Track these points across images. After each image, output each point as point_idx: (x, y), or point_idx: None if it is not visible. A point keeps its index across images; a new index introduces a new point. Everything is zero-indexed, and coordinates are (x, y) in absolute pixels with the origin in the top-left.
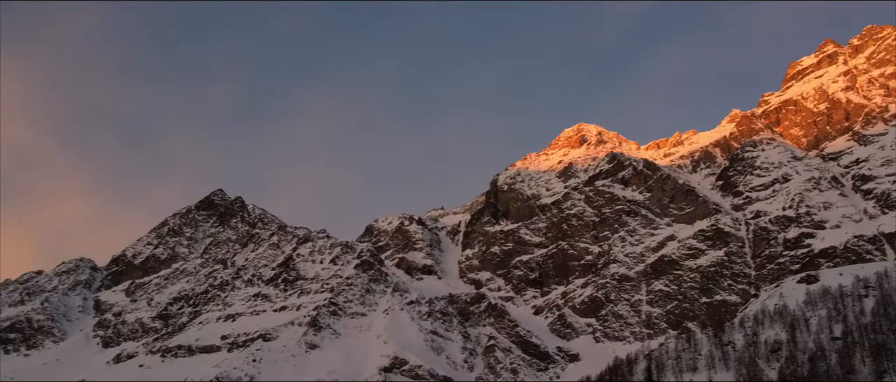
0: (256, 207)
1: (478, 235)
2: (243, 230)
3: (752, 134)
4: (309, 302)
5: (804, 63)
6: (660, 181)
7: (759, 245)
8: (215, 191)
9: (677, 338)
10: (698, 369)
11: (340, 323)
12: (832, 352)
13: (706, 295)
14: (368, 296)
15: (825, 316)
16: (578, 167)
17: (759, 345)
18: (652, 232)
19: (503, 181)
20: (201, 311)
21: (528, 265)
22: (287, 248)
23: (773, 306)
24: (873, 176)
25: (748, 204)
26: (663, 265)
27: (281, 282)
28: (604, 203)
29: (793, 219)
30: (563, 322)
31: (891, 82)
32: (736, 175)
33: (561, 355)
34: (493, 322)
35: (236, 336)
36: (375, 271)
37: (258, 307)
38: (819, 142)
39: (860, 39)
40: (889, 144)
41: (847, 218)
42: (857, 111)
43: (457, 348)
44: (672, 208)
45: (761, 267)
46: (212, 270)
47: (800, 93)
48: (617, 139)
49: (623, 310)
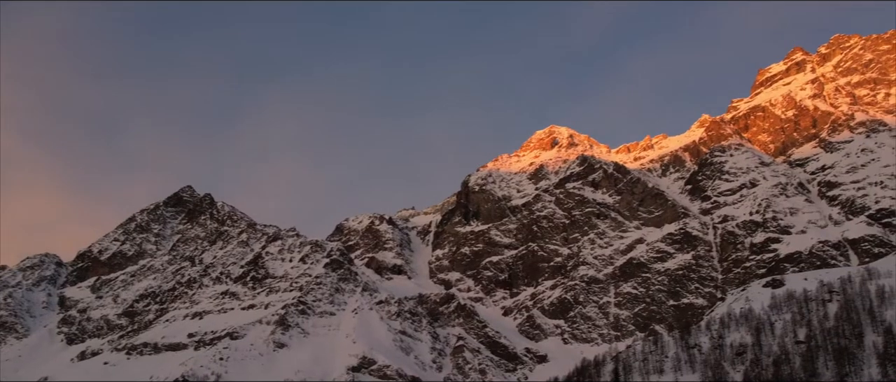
0: (225, 204)
1: (448, 236)
2: (212, 227)
3: (721, 139)
4: (277, 301)
5: (773, 70)
6: (629, 184)
7: (727, 249)
8: (184, 188)
9: (644, 340)
10: (665, 371)
11: (309, 322)
12: (796, 356)
13: (673, 298)
14: (337, 296)
15: (790, 320)
16: (549, 169)
17: (725, 348)
18: (621, 234)
19: (474, 182)
20: (168, 309)
21: (497, 266)
22: (256, 246)
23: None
24: (839, 182)
25: (716, 208)
26: (632, 267)
27: (249, 280)
28: (574, 205)
29: (759, 224)
30: (531, 324)
31: (857, 91)
32: (704, 179)
33: (529, 356)
34: (462, 322)
35: (203, 335)
36: (345, 270)
37: (226, 305)
38: (786, 148)
39: (828, 48)
40: (854, 152)
41: (812, 223)
42: (823, 118)
43: (425, 348)
44: (641, 211)
45: (728, 271)
46: (179, 267)
47: (768, 100)
48: (588, 142)
49: (591, 312)
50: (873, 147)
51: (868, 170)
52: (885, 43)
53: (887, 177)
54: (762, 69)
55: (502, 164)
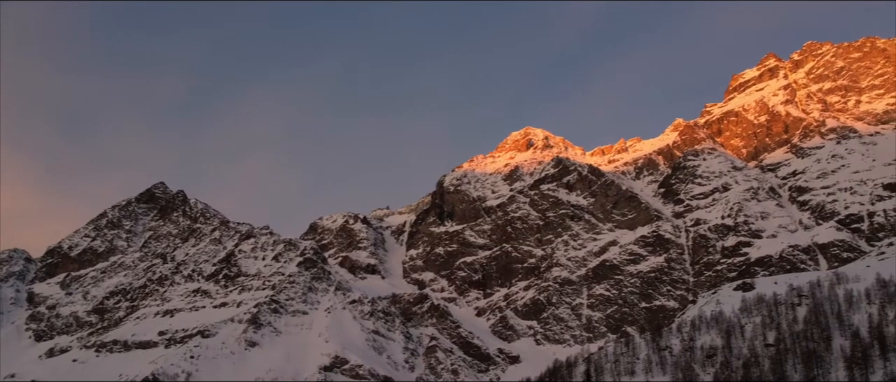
0: (199, 201)
1: (422, 235)
2: (184, 224)
3: (694, 143)
4: (250, 299)
5: (746, 76)
6: (603, 187)
7: (698, 252)
8: (157, 184)
9: (616, 342)
10: (636, 372)
11: (281, 321)
12: (765, 358)
13: (645, 300)
14: (310, 295)
15: (759, 324)
16: (524, 170)
17: (696, 350)
18: (594, 236)
19: (449, 182)
20: (138, 306)
21: (471, 266)
22: (229, 244)
23: (709, 312)
24: (809, 187)
25: (689, 211)
26: (604, 269)
27: (222, 278)
28: (548, 207)
29: (731, 228)
30: (504, 324)
31: (828, 97)
32: (678, 183)
33: (502, 356)
34: (436, 322)
35: (174, 332)
36: (318, 269)
37: (197, 303)
38: (758, 153)
39: (801, 55)
40: (825, 158)
41: (783, 228)
42: (795, 124)
43: (398, 348)
44: (615, 214)
45: (699, 274)
46: (151, 264)
47: (741, 105)
48: (563, 144)
49: (564, 313)
50: (843, 153)
51: (838, 176)
52: (857, 51)
53: (857, 183)
54: (736, 74)
55: (477, 165)
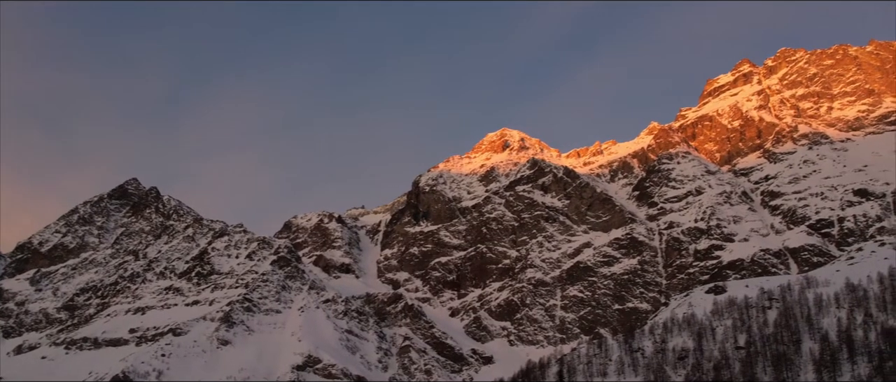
0: (172, 198)
1: (397, 235)
2: (157, 221)
3: (668, 147)
4: (222, 297)
5: (721, 81)
6: (578, 189)
7: (671, 255)
8: (129, 180)
9: (589, 343)
10: (608, 374)
11: (254, 320)
12: (736, 361)
13: (618, 302)
14: (284, 293)
15: (730, 326)
16: (500, 171)
17: (667, 352)
18: (569, 238)
19: (425, 182)
20: (109, 303)
21: (446, 267)
22: (202, 241)
23: (681, 315)
24: (781, 192)
25: (662, 214)
26: (578, 271)
27: (194, 276)
28: (523, 208)
29: (704, 231)
30: (478, 325)
31: (801, 103)
32: (652, 186)
33: (475, 357)
34: (409, 322)
35: (145, 330)
36: (292, 268)
37: (169, 300)
38: (732, 157)
39: (774, 61)
40: (797, 163)
41: (755, 232)
42: (768, 130)
43: (372, 348)
44: (589, 216)
45: (672, 277)
46: (122, 261)
47: (715, 110)
48: (539, 145)
49: (538, 315)
50: (815, 159)
51: (810, 182)
52: (829, 58)
53: (828, 189)
54: (710, 79)
55: (453, 165)
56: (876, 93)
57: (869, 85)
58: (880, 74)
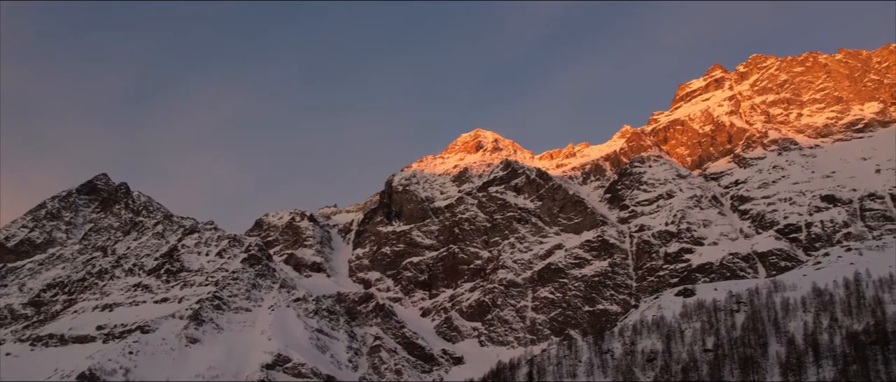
0: (142, 194)
1: (370, 235)
2: (126, 217)
3: (640, 150)
4: (192, 295)
5: (693, 85)
6: (551, 191)
7: (642, 257)
8: (99, 176)
9: (559, 345)
10: (577, 375)
11: (224, 318)
12: (704, 363)
13: (589, 304)
14: (254, 291)
15: (699, 329)
16: (473, 172)
17: (637, 354)
18: (541, 240)
19: (398, 182)
20: (77, 299)
21: (418, 267)
22: (172, 238)
23: (651, 317)
24: (750, 197)
25: (633, 217)
26: (550, 273)
27: (163, 273)
28: (496, 209)
29: (674, 234)
30: (449, 325)
31: (771, 109)
32: (623, 189)
33: (445, 357)
34: (380, 322)
35: (113, 327)
36: (263, 266)
37: (138, 297)
38: (703, 161)
39: (746, 67)
40: (766, 168)
41: (724, 236)
42: (739, 135)
43: (342, 347)
44: (561, 217)
45: (642, 279)
46: (90, 257)
47: (687, 114)
48: (512, 147)
49: (508, 316)
50: (784, 164)
51: (778, 187)
52: (800, 65)
53: (796, 194)
54: (683, 84)
55: (427, 165)
56: (844, 101)
57: (838, 92)
58: (849, 82)
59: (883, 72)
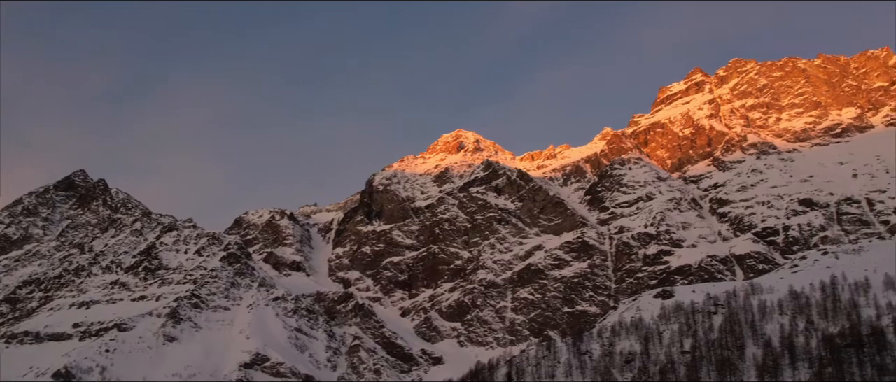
0: (120, 191)
1: (350, 234)
2: (104, 214)
3: (621, 152)
4: (170, 293)
5: (674, 89)
6: (531, 192)
7: (621, 259)
8: (77, 172)
9: (538, 345)
10: (556, 376)
11: (202, 316)
12: (681, 365)
13: (568, 305)
14: (233, 290)
15: (677, 331)
16: (454, 172)
17: (615, 355)
18: (521, 240)
19: (379, 181)
20: (53, 297)
21: (398, 266)
22: (150, 236)
23: (629, 318)
24: (729, 200)
25: (613, 219)
26: (529, 273)
27: (141, 271)
28: (476, 209)
29: (653, 237)
30: (428, 325)
31: (751, 113)
32: (603, 191)
33: (425, 357)
34: (360, 322)
35: (89, 325)
36: (242, 264)
37: (115, 295)
38: (682, 164)
39: (726, 71)
40: (745, 172)
41: (703, 238)
42: (718, 138)
43: (321, 346)
44: (541, 219)
45: (621, 281)
46: (67, 254)
47: (668, 117)
48: (493, 147)
49: (488, 316)
50: (763, 168)
51: (757, 190)
52: (779, 70)
53: (774, 198)
54: (663, 87)
55: (408, 165)
56: (823, 106)
57: (816, 98)
58: (827, 88)
59: (861, 77)
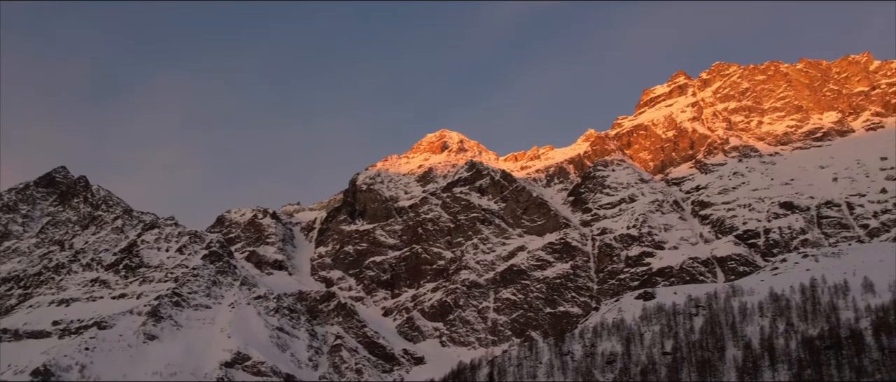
0: (101, 188)
1: (333, 233)
2: (85, 211)
3: (604, 154)
4: (151, 291)
5: (657, 91)
6: (515, 192)
7: (603, 260)
8: (57, 168)
9: (520, 346)
10: (538, 376)
11: (183, 315)
12: (662, 366)
13: (550, 306)
14: (214, 288)
15: (658, 332)
16: (438, 172)
17: (596, 356)
18: (504, 241)
19: (362, 180)
20: (32, 294)
21: (380, 266)
22: (131, 233)
23: (611, 320)
24: (711, 202)
25: (596, 220)
26: (512, 274)
27: (122, 268)
28: (460, 209)
29: (636, 238)
30: (411, 325)
31: (733, 117)
32: (586, 192)
33: (407, 357)
34: (342, 321)
35: (69, 323)
36: (224, 263)
37: (95, 293)
38: (665, 166)
39: (709, 74)
40: (727, 175)
41: (684, 240)
42: (701, 141)
43: (302, 345)
44: (524, 219)
45: (603, 282)
46: (47, 251)
47: (651, 120)
48: (477, 148)
49: (470, 316)
50: (744, 171)
51: (738, 193)
52: (761, 73)
53: (755, 201)
54: (647, 89)
55: (391, 165)
56: (804, 110)
57: (798, 101)
58: (809, 92)
59: (842, 82)
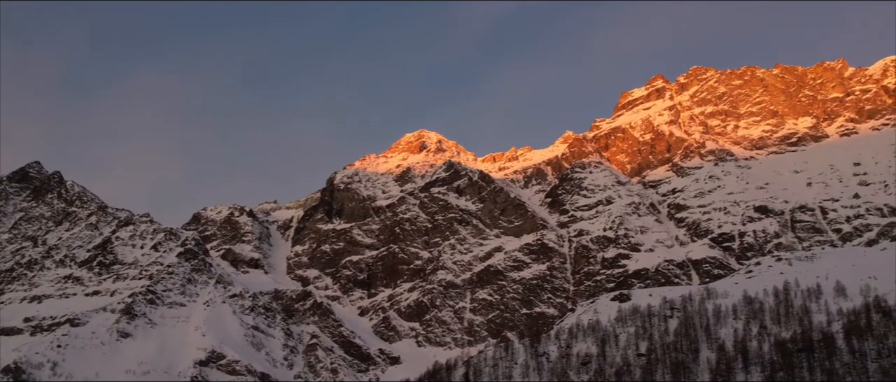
0: (76, 184)
1: (309, 232)
2: (59, 207)
3: (582, 156)
4: (125, 289)
5: (635, 94)
6: (492, 193)
7: (580, 262)
8: (31, 164)
9: (496, 346)
10: (513, 377)
11: (157, 313)
12: (637, 367)
13: (526, 307)
14: (189, 286)
15: (633, 334)
16: (416, 172)
17: (572, 357)
18: (481, 242)
19: (340, 179)
20: (4, 290)
21: (357, 265)
22: (106, 230)
23: (587, 321)
24: (687, 205)
25: (573, 222)
26: (489, 275)
27: (96, 265)
28: (437, 210)
29: (612, 240)
30: (387, 325)
31: (710, 121)
32: (564, 194)
33: (382, 357)
34: (317, 320)
35: (41, 320)
36: (199, 261)
37: (68, 290)
38: (642, 169)
39: (687, 78)
40: (703, 178)
41: (660, 243)
42: (678, 144)
43: (278, 344)
44: (502, 220)
45: (580, 283)
46: (20, 247)
47: (628, 122)
48: (455, 148)
49: (446, 316)
50: (720, 175)
51: (714, 196)
52: (738, 78)
53: (730, 204)
54: (625, 92)
55: (369, 164)
56: (779, 115)
57: (773, 106)
58: (784, 97)
59: (817, 88)
